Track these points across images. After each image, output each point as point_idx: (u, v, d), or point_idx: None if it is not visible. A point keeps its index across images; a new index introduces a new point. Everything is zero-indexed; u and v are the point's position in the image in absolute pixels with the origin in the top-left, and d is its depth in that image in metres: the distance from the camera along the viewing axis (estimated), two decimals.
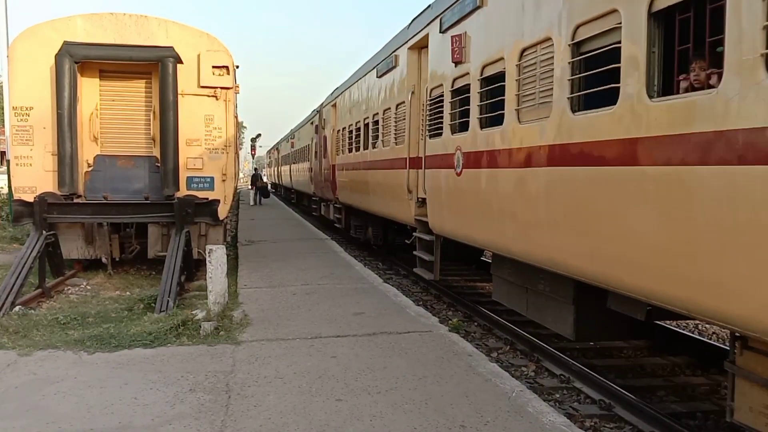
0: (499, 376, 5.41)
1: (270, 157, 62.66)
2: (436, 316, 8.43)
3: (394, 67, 11.61)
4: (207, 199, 10.51)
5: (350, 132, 15.98)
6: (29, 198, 9.88)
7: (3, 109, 18.97)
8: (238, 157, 16.78)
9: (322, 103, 21.61)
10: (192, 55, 10.43)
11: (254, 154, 53.31)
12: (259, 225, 19.73)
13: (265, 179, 41.58)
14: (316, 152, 22.44)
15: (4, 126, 18.11)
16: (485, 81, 7.32)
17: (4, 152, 20.01)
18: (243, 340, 6.48)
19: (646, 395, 6.04)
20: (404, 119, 10.85)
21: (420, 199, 10.12)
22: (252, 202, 31.73)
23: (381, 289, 9.22)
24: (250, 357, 5.90)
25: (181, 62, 10.29)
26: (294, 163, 32.46)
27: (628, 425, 5.54)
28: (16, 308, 7.91)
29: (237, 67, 11.14)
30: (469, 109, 7.64)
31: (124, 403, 4.76)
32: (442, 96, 8.70)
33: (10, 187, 12.91)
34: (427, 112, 9.39)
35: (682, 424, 5.22)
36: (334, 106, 18.75)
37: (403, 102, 10.82)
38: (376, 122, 12.98)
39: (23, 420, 4.47)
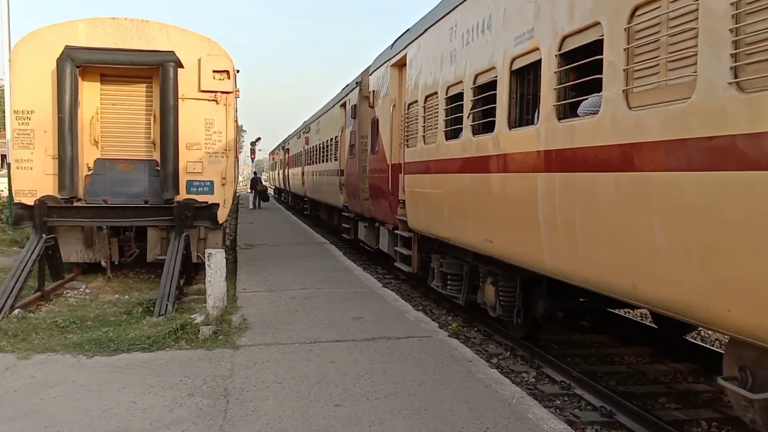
0: (499, 382, 5.38)
1: (273, 159, 54.81)
2: (435, 321, 8.41)
3: None
4: (206, 202, 10.49)
5: (450, 100, 8.24)
6: (29, 201, 9.89)
7: (4, 112, 19.01)
8: (237, 161, 16.77)
9: (368, 69, 13.74)
10: (193, 59, 10.46)
11: (254, 157, 53.23)
12: (258, 229, 19.71)
13: (264, 183, 41.55)
14: (351, 146, 15.01)
15: (5, 129, 18.15)
16: None
17: (5, 155, 20.03)
18: (242, 344, 6.46)
19: (647, 402, 6.02)
20: None
21: None
22: (251, 206, 31.74)
23: (380, 294, 9.20)
24: (248, 361, 5.88)
25: (181, 66, 10.31)
26: (309, 163, 25.12)
27: None
28: (16, 311, 7.89)
29: (237, 71, 11.17)
30: None
31: (123, 407, 4.74)
32: None
33: (10, 190, 12.90)
34: None
35: None
36: (400, 65, 10.88)
37: None
38: (579, 52, 5.44)
39: (22, 423, 4.45)
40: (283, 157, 40.12)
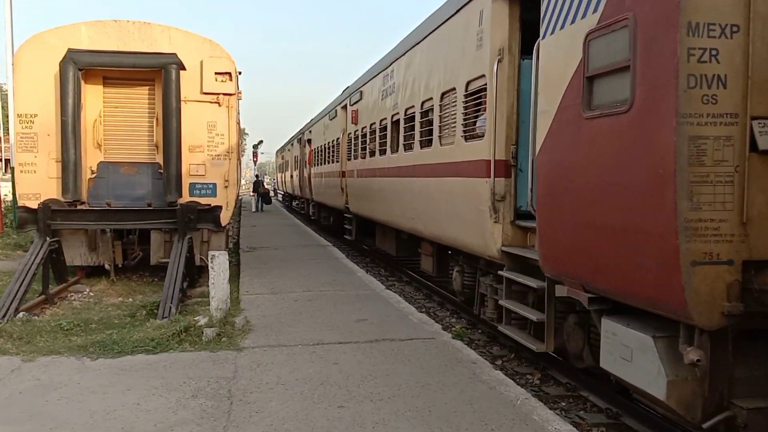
0: (504, 383, 5.38)
1: (282, 158, 42.86)
2: (439, 323, 8.40)
3: None
4: (209, 205, 10.49)
5: None
6: (33, 205, 9.89)
7: (8, 116, 19.05)
8: (240, 164, 16.73)
9: None
10: (195, 61, 10.46)
11: (256, 160, 53.29)
12: (261, 232, 19.71)
13: (267, 186, 41.34)
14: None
15: (8, 133, 18.17)
16: None
17: (9, 160, 20.06)
18: (245, 346, 6.47)
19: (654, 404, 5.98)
20: None
21: None
22: (254, 209, 31.78)
23: (383, 296, 9.19)
24: (252, 363, 5.88)
25: (183, 69, 10.31)
26: (362, 156, 14.52)
27: None
28: (20, 314, 7.90)
29: (239, 73, 11.17)
30: None
31: (127, 409, 4.74)
32: None
33: (14, 194, 12.93)
34: None
35: None
36: None
37: None
38: None
39: (27, 425, 4.46)
40: (299, 153, 28.41)
